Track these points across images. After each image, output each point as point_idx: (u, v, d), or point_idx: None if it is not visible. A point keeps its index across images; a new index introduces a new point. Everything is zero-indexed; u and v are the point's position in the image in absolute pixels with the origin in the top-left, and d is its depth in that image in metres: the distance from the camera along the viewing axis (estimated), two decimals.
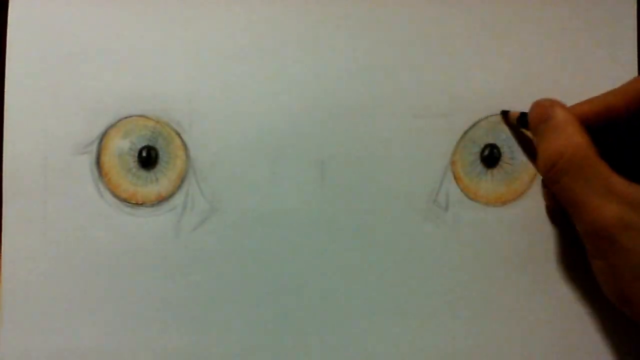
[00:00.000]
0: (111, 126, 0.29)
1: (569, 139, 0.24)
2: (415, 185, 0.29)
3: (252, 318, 0.29)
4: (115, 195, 0.29)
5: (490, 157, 0.29)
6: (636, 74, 0.29)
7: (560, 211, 0.28)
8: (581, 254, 0.29)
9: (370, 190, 0.29)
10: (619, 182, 0.23)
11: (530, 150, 0.29)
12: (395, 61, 0.30)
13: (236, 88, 0.29)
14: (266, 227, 0.29)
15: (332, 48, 0.30)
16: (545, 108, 0.26)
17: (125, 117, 0.29)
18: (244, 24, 0.30)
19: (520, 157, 0.29)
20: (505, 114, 0.29)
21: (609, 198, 0.23)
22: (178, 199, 0.29)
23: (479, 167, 0.29)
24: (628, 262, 0.23)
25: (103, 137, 0.29)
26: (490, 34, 0.30)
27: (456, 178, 0.29)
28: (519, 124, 0.28)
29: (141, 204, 0.29)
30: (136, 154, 0.29)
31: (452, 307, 0.29)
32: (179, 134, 0.29)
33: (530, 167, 0.29)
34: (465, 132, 0.29)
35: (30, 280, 0.29)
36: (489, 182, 0.29)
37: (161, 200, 0.29)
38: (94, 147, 0.29)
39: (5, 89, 0.29)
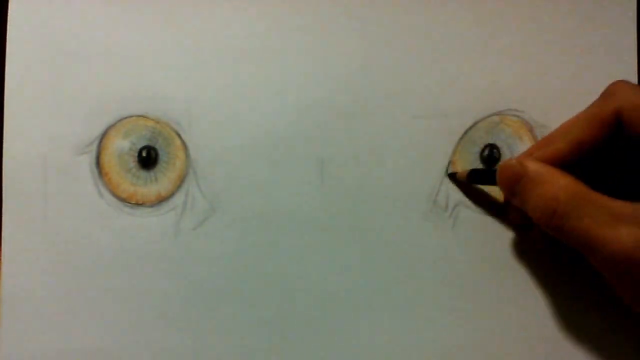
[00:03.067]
0: (111, 126, 0.29)
1: (555, 184, 0.24)
2: (415, 185, 0.29)
3: (252, 318, 0.29)
4: (115, 195, 0.29)
5: (490, 157, 0.29)
6: (636, 74, 0.29)
7: (524, 225, 0.28)
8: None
9: (370, 190, 0.29)
10: (622, 206, 0.23)
11: (488, 203, 0.29)
12: (395, 61, 0.30)
13: (236, 88, 0.29)
14: (266, 227, 0.29)
15: (332, 48, 0.30)
16: (512, 168, 0.25)
17: (125, 117, 0.29)
18: (244, 24, 0.30)
19: None
20: (452, 176, 0.29)
21: (618, 225, 0.22)
22: (178, 199, 0.29)
23: (479, 167, 0.29)
24: None
25: (103, 137, 0.29)
26: (490, 33, 0.30)
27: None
28: (469, 181, 0.28)
29: (141, 204, 0.29)
30: (136, 154, 0.29)
31: (452, 306, 0.29)
32: (179, 134, 0.29)
33: None
34: (465, 132, 0.29)
35: (30, 280, 0.29)
36: None
37: (161, 200, 0.29)
38: (94, 147, 0.29)
39: (5, 89, 0.29)
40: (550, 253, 0.29)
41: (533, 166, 0.25)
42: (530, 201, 0.25)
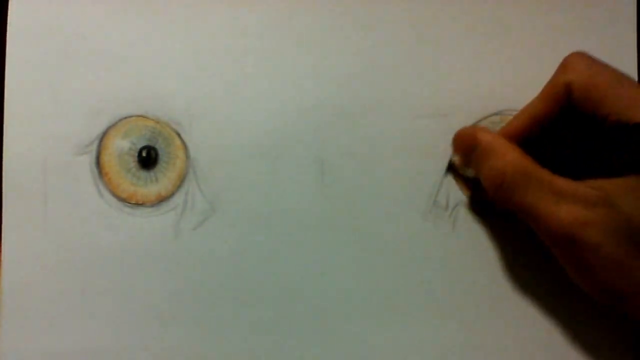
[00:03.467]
0: (111, 126, 0.29)
1: (504, 158, 0.24)
2: (415, 185, 0.29)
3: (252, 318, 0.29)
4: (115, 195, 0.29)
5: None
6: (636, 74, 0.29)
7: (481, 200, 0.29)
8: None
9: (370, 190, 0.29)
10: (564, 184, 0.23)
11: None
12: (395, 61, 0.30)
13: (236, 88, 0.29)
14: (266, 227, 0.29)
15: (332, 48, 0.30)
16: (467, 137, 0.27)
17: (125, 117, 0.29)
18: (244, 24, 0.30)
19: None
20: (451, 167, 0.29)
21: (560, 202, 0.23)
22: (178, 198, 0.29)
23: None
24: (596, 257, 0.23)
25: (103, 137, 0.29)
26: (490, 34, 0.30)
27: (456, 178, 0.29)
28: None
29: (141, 204, 0.29)
30: (136, 154, 0.29)
31: (451, 306, 0.29)
32: (179, 134, 0.29)
33: None
34: None
35: (30, 280, 0.29)
36: None
37: (161, 200, 0.29)
38: (94, 147, 0.29)
39: (5, 89, 0.29)
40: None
41: (485, 137, 0.26)
42: (482, 171, 0.26)
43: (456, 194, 0.29)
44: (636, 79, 0.29)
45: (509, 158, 0.24)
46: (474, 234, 0.29)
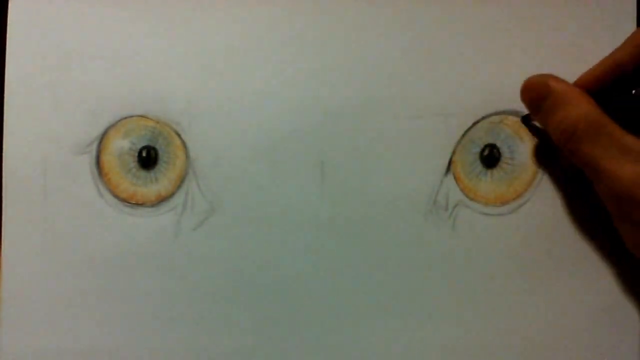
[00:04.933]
0: (111, 126, 0.29)
1: (578, 109, 0.24)
2: (415, 186, 0.29)
3: (252, 318, 0.29)
4: (115, 195, 0.29)
5: (490, 157, 0.29)
6: None
7: (545, 150, 0.29)
8: (581, 253, 0.29)
9: (370, 190, 0.29)
10: (632, 142, 0.23)
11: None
12: (395, 61, 0.30)
13: (236, 88, 0.29)
14: (266, 227, 0.29)
15: (332, 48, 0.30)
16: (538, 85, 0.26)
17: (125, 117, 0.29)
18: (243, 24, 0.30)
19: (520, 157, 0.29)
20: (525, 118, 0.29)
21: (624, 158, 0.23)
22: (178, 199, 0.29)
23: (479, 167, 0.29)
24: None
25: (103, 137, 0.29)
26: (490, 34, 0.30)
27: (456, 178, 0.29)
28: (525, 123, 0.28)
29: (141, 204, 0.29)
30: (136, 154, 0.29)
31: (452, 306, 0.29)
32: (178, 134, 0.29)
33: (529, 167, 0.29)
34: (465, 132, 0.29)
35: (30, 280, 0.29)
36: (488, 182, 0.29)
37: (161, 200, 0.29)
38: (94, 147, 0.29)
39: (5, 89, 0.29)
40: (551, 253, 0.29)
41: (559, 85, 0.26)
42: (552, 121, 0.25)
43: (456, 194, 0.29)
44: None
45: (583, 109, 0.24)
46: (474, 234, 0.29)
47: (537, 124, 0.29)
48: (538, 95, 0.26)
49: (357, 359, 0.29)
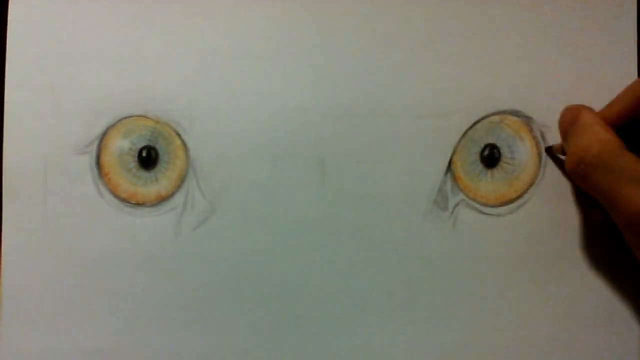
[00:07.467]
0: (111, 126, 0.29)
1: (595, 136, 0.25)
2: (415, 186, 0.29)
3: (252, 318, 0.29)
4: (115, 195, 0.29)
5: (490, 157, 0.29)
6: (636, 74, 0.29)
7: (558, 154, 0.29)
8: (581, 253, 0.29)
9: (370, 190, 0.29)
10: None
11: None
12: (396, 61, 0.30)
13: (236, 88, 0.29)
14: (266, 227, 0.29)
15: (332, 48, 0.30)
16: (572, 111, 0.27)
17: (125, 117, 0.29)
18: (244, 24, 0.30)
19: (521, 157, 0.29)
20: (549, 149, 0.29)
21: (638, 186, 0.23)
22: (178, 199, 0.29)
23: (479, 167, 0.29)
24: None
25: (103, 137, 0.29)
26: (490, 34, 0.30)
27: (456, 178, 0.29)
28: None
29: (141, 204, 0.29)
30: (136, 154, 0.29)
31: (452, 306, 0.29)
32: (179, 134, 0.29)
33: (530, 168, 0.29)
34: (465, 132, 0.29)
35: (30, 280, 0.29)
36: (489, 182, 0.29)
37: (161, 200, 0.29)
38: (94, 147, 0.29)
39: (5, 89, 0.29)
40: (550, 253, 0.29)
41: (586, 114, 0.26)
42: (570, 147, 0.26)
43: (456, 194, 0.29)
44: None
45: (601, 137, 0.25)
46: (474, 234, 0.29)
47: (560, 155, 0.29)
48: (568, 121, 0.27)
49: (357, 359, 0.29)
